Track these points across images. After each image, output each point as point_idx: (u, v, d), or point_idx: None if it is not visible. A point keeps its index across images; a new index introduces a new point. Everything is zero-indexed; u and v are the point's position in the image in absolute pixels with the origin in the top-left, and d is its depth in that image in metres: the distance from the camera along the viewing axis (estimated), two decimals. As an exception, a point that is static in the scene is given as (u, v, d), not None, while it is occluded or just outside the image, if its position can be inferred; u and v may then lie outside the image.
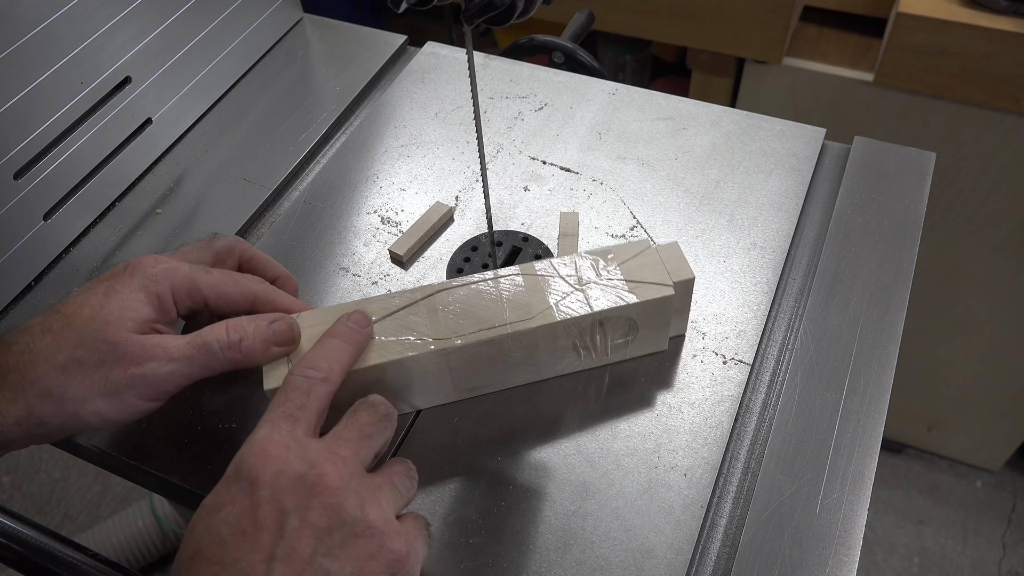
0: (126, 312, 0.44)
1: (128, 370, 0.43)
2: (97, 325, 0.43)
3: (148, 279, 0.46)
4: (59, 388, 0.42)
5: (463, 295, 0.51)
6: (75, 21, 0.61)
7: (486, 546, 0.47)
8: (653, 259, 0.52)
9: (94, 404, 0.43)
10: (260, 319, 0.47)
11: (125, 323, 0.44)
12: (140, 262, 0.47)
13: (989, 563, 1.52)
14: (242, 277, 0.49)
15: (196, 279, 0.47)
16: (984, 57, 0.98)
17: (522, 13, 0.43)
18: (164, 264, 0.47)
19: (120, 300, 0.45)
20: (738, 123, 0.71)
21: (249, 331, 0.46)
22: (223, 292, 0.48)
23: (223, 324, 0.46)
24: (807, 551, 0.46)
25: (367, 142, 0.72)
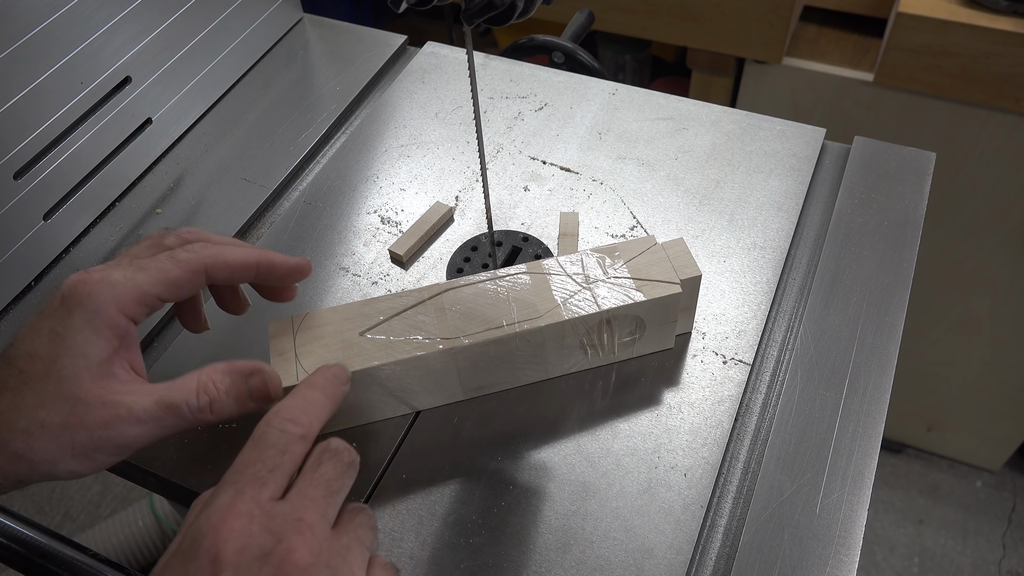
0: (77, 361, 0.41)
1: (93, 433, 0.40)
2: (53, 383, 0.40)
3: (88, 313, 0.41)
4: (28, 451, 0.40)
5: (470, 294, 0.51)
6: (75, 21, 0.61)
7: (486, 546, 0.47)
8: (659, 256, 0.52)
9: (65, 464, 0.40)
10: (237, 371, 0.44)
11: (80, 374, 0.40)
12: (74, 290, 0.42)
13: (989, 563, 1.52)
14: (182, 252, 0.44)
15: (137, 284, 0.43)
16: (984, 57, 0.98)
17: (522, 13, 0.43)
18: (98, 286, 0.42)
19: (67, 347, 0.41)
20: (738, 123, 0.71)
21: (221, 391, 0.43)
22: (169, 280, 0.43)
23: (195, 382, 0.42)
24: (807, 551, 0.46)
25: (367, 142, 0.72)
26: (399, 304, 0.51)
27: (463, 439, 0.52)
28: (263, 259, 0.47)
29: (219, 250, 0.46)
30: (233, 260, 0.46)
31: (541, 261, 0.53)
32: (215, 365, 0.44)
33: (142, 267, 0.43)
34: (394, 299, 0.51)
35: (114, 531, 1.46)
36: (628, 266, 0.52)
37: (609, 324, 0.51)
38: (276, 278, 0.49)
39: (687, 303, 0.54)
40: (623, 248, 0.53)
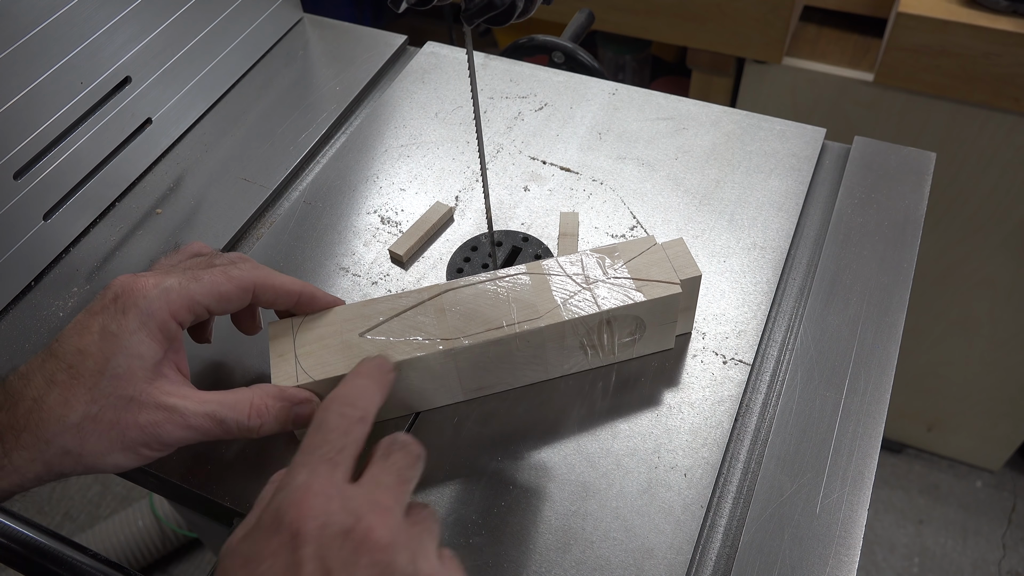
0: (132, 361, 0.42)
1: (145, 430, 0.42)
2: (107, 380, 0.42)
3: (144, 315, 0.43)
4: (76, 447, 0.41)
5: (470, 295, 0.51)
6: (75, 21, 0.61)
7: (486, 546, 0.47)
8: (659, 256, 0.52)
9: (112, 458, 0.42)
10: (286, 399, 0.46)
11: (134, 373, 0.42)
12: (130, 292, 0.44)
13: (989, 563, 1.51)
14: (234, 269, 0.47)
15: (190, 293, 0.45)
16: (984, 57, 0.98)
17: (522, 13, 0.43)
18: (153, 290, 0.44)
19: (122, 347, 0.42)
20: (738, 123, 0.71)
21: (271, 416, 0.45)
22: (220, 294, 0.46)
23: (247, 403, 0.45)
24: (807, 551, 0.46)
25: (367, 142, 0.72)
26: (399, 305, 0.51)
27: (463, 439, 0.52)
28: (306, 291, 0.50)
29: (268, 273, 0.48)
30: (280, 285, 0.49)
31: (541, 261, 0.53)
32: (267, 388, 0.46)
33: (196, 278, 0.45)
34: (394, 300, 0.51)
35: (114, 531, 1.46)
36: (628, 266, 0.52)
37: (609, 324, 0.51)
38: (312, 310, 0.51)
39: (687, 303, 0.53)
40: (623, 248, 0.53)
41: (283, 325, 0.50)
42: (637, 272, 0.51)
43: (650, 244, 0.53)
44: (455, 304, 0.50)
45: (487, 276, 0.52)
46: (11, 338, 0.60)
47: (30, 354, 0.58)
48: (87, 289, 0.63)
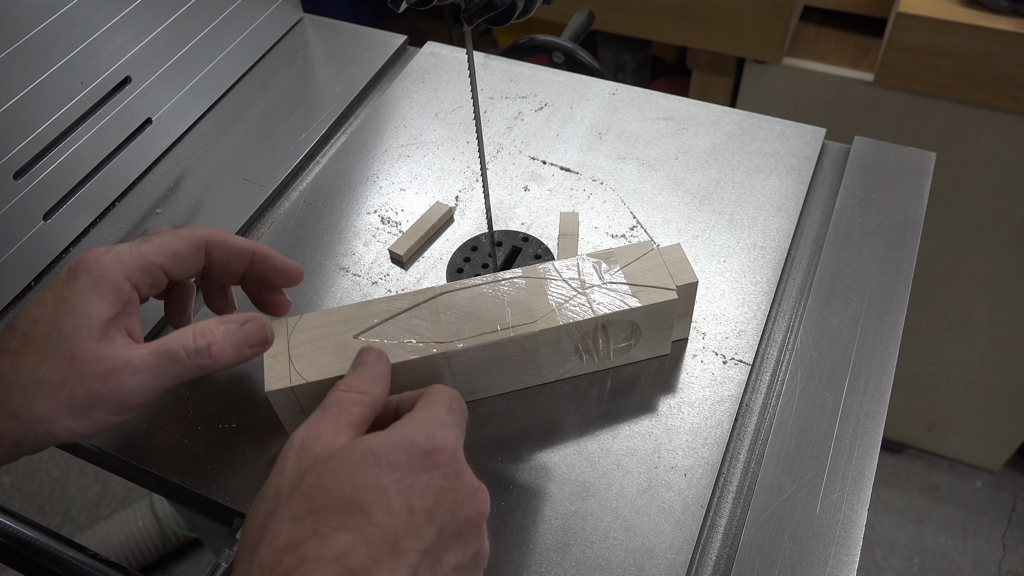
0: (79, 320, 0.42)
1: (91, 387, 0.41)
2: (54, 342, 0.42)
3: (94, 277, 0.43)
4: (25, 409, 0.41)
5: (466, 297, 0.51)
6: (75, 21, 0.61)
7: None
8: (656, 262, 0.52)
9: (63, 423, 0.42)
10: (231, 320, 0.45)
11: (80, 332, 0.42)
12: (83, 260, 0.44)
13: (989, 563, 1.52)
14: (186, 229, 0.47)
15: (142, 253, 0.45)
16: (984, 57, 0.98)
17: (522, 13, 0.43)
18: (105, 255, 0.44)
19: (70, 308, 0.42)
20: (738, 123, 0.71)
21: (218, 335, 0.44)
22: (172, 251, 0.46)
23: (189, 329, 0.44)
24: (807, 551, 0.46)
25: (367, 142, 0.72)
26: (394, 307, 0.50)
27: (463, 439, 0.52)
28: (260, 249, 0.50)
29: (221, 232, 0.49)
30: (232, 243, 0.48)
31: (537, 265, 0.52)
32: (210, 319, 0.46)
33: (146, 240, 0.46)
34: (389, 302, 0.51)
35: (114, 531, 1.46)
36: (624, 271, 0.52)
37: (604, 330, 0.51)
38: (268, 272, 0.51)
39: (683, 309, 0.53)
40: (620, 253, 0.53)
41: (277, 325, 0.50)
42: (633, 277, 0.51)
43: (647, 249, 0.53)
44: (450, 307, 0.50)
45: (483, 279, 0.52)
46: (11, 338, 0.60)
47: (30, 354, 0.58)
48: (87, 289, 0.63)
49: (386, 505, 0.36)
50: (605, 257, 0.52)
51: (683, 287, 0.51)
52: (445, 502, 0.37)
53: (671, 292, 0.51)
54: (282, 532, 0.35)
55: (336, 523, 0.35)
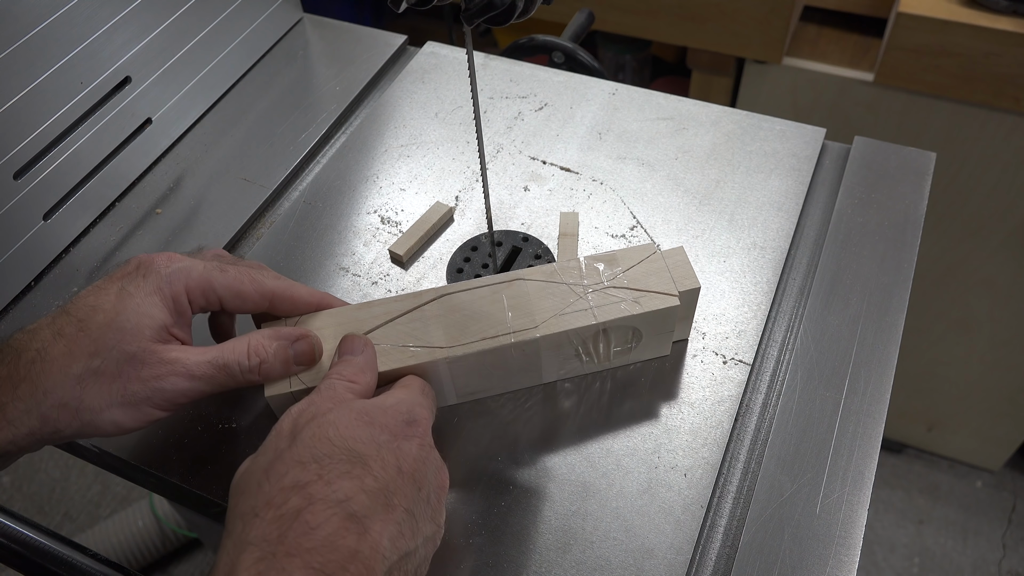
0: (142, 319, 0.43)
1: (147, 383, 0.42)
2: (113, 333, 0.42)
3: (162, 280, 0.44)
4: (75, 399, 0.41)
5: (466, 300, 0.50)
6: (75, 21, 0.61)
7: (486, 546, 0.47)
8: (659, 266, 0.52)
9: (111, 414, 0.42)
10: (283, 337, 0.46)
11: (142, 331, 0.43)
12: (153, 261, 0.45)
13: (989, 563, 1.52)
14: (258, 274, 0.48)
15: (211, 279, 0.46)
16: (984, 57, 0.98)
17: (522, 13, 0.43)
18: (178, 264, 0.46)
19: (135, 305, 0.43)
20: (738, 123, 0.71)
21: (270, 353, 0.45)
22: (239, 291, 0.47)
23: (245, 344, 0.45)
24: (807, 551, 0.46)
25: (367, 142, 0.72)
26: (393, 309, 0.50)
27: (463, 439, 0.52)
28: (324, 302, 0.51)
29: (289, 284, 0.49)
30: (299, 298, 0.50)
31: (538, 267, 0.52)
32: (263, 331, 0.47)
33: (223, 269, 0.47)
34: (388, 304, 0.51)
35: (114, 531, 1.46)
36: (627, 275, 0.51)
37: (605, 334, 0.51)
38: None
39: (685, 313, 0.53)
40: (622, 256, 0.52)
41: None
42: (635, 282, 0.51)
43: (650, 252, 0.53)
44: (451, 309, 0.50)
45: (484, 281, 0.51)
46: (11, 338, 0.60)
47: (30, 354, 0.58)
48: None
49: (381, 461, 0.38)
50: (607, 260, 0.52)
51: (685, 293, 0.51)
52: (423, 469, 0.40)
53: (673, 298, 0.50)
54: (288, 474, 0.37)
55: (340, 470, 0.37)
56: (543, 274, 0.52)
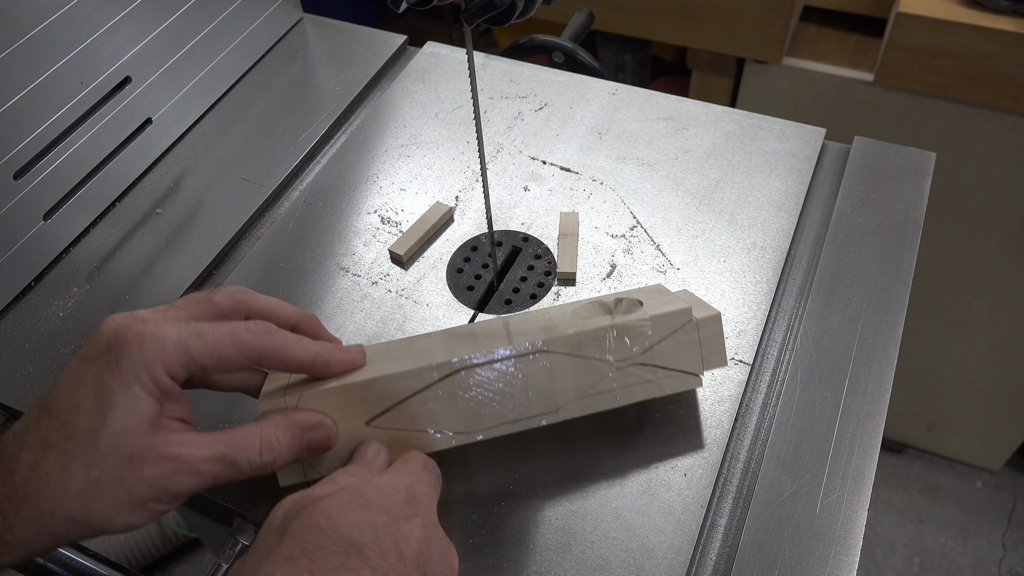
0: (130, 417, 0.39)
1: (152, 484, 0.40)
2: (104, 440, 0.39)
3: (138, 367, 0.40)
4: (82, 514, 0.39)
5: (485, 379, 0.46)
6: (75, 21, 0.61)
7: (486, 546, 0.47)
8: (691, 338, 0.48)
9: (120, 519, 0.40)
10: (297, 425, 0.43)
11: (133, 430, 0.39)
12: (123, 341, 0.40)
13: (989, 563, 1.51)
14: (243, 332, 0.43)
15: (188, 349, 0.41)
16: (984, 57, 0.98)
17: (522, 13, 0.43)
18: (150, 339, 0.40)
19: (118, 402, 0.39)
20: (738, 123, 0.71)
21: (283, 448, 0.43)
22: (220, 357, 0.42)
23: (257, 439, 0.42)
24: (807, 551, 0.46)
25: (367, 142, 0.72)
26: (407, 386, 0.45)
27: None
28: (319, 360, 0.45)
29: (280, 342, 0.44)
30: (290, 357, 0.44)
31: (562, 331, 0.47)
32: (275, 418, 0.43)
33: (200, 333, 0.41)
34: (401, 380, 0.45)
35: (114, 531, 1.46)
36: (657, 350, 0.47)
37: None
38: (327, 375, 0.47)
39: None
40: (656, 323, 0.48)
41: (276, 400, 0.45)
42: (665, 359, 0.48)
43: (685, 320, 0.48)
44: (469, 387, 0.46)
45: (503, 354, 0.46)
46: (11, 338, 0.60)
47: (30, 354, 0.58)
48: (87, 289, 0.63)
49: (379, 547, 0.36)
50: (639, 330, 0.47)
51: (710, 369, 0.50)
52: (427, 551, 0.38)
53: (697, 379, 0.49)
54: (275, 574, 0.34)
55: (333, 563, 0.34)
56: (568, 346, 0.47)
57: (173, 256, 0.64)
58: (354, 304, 0.60)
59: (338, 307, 0.60)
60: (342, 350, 0.46)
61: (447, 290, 0.61)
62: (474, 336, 0.48)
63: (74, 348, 0.58)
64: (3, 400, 0.56)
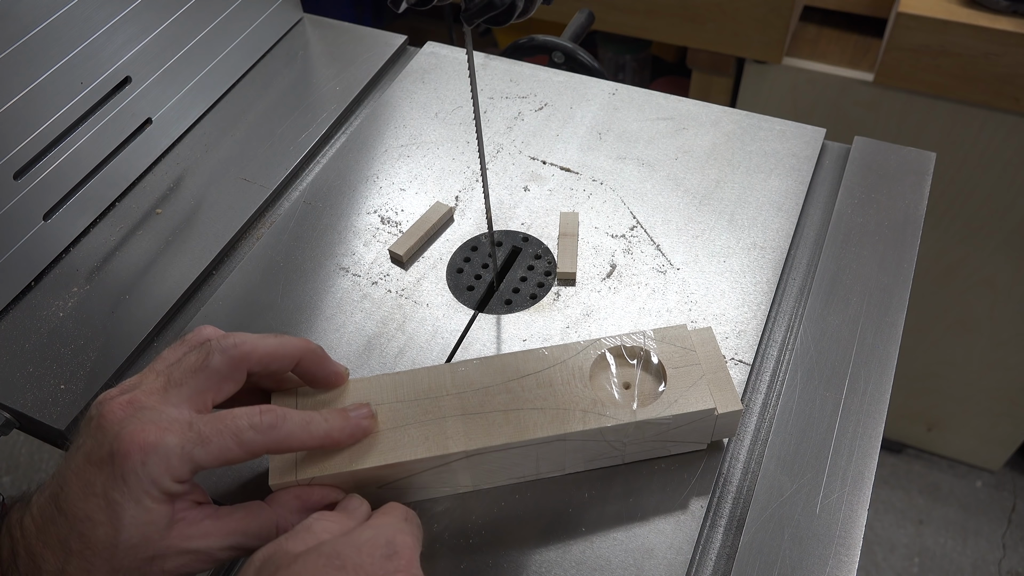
0: (146, 529, 0.40)
1: (173, 574, 0.41)
2: (123, 552, 0.39)
3: (146, 484, 0.40)
4: None
5: (499, 457, 0.47)
6: (75, 21, 0.61)
7: (486, 546, 0.47)
8: (708, 425, 0.48)
9: None
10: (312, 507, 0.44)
11: (150, 538, 0.40)
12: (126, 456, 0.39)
13: (989, 563, 1.51)
14: (248, 432, 0.42)
15: (193, 458, 0.40)
16: (984, 57, 0.98)
17: (522, 13, 0.43)
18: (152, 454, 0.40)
19: (131, 518, 0.40)
20: (738, 123, 0.71)
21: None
22: (227, 460, 0.41)
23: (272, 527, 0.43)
24: (807, 551, 0.46)
25: (367, 142, 0.72)
26: (420, 467, 0.46)
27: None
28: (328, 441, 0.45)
29: (286, 435, 0.43)
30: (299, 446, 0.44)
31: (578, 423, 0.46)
32: (288, 501, 0.44)
33: (203, 440, 0.41)
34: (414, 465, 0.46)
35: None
36: (673, 433, 0.48)
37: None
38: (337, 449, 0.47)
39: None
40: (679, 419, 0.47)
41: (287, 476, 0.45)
42: (678, 436, 0.48)
43: (708, 416, 0.47)
44: (482, 463, 0.47)
45: (520, 442, 0.46)
46: (11, 338, 0.60)
47: (30, 354, 0.58)
48: (87, 289, 0.63)
49: None
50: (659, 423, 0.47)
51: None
52: None
53: (702, 445, 0.50)
54: None
55: None
56: (586, 434, 0.46)
57: (173, 256, 0.64)
58: (354, 304, 0.60)
59: (338, 307, 0.60)
60: (351, 425, 0.45)
61: (447, 290, 0.61)
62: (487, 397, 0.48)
63: (74, 348, 0.58)
64: (3, 400, 0.56)
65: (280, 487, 0.45)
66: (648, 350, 0.49)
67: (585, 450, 0.48)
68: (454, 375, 0.49)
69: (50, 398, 0.56)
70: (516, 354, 0.50)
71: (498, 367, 0.49)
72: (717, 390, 0.48)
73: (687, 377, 0.48)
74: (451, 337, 0.58)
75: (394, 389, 0.48)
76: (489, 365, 0.49)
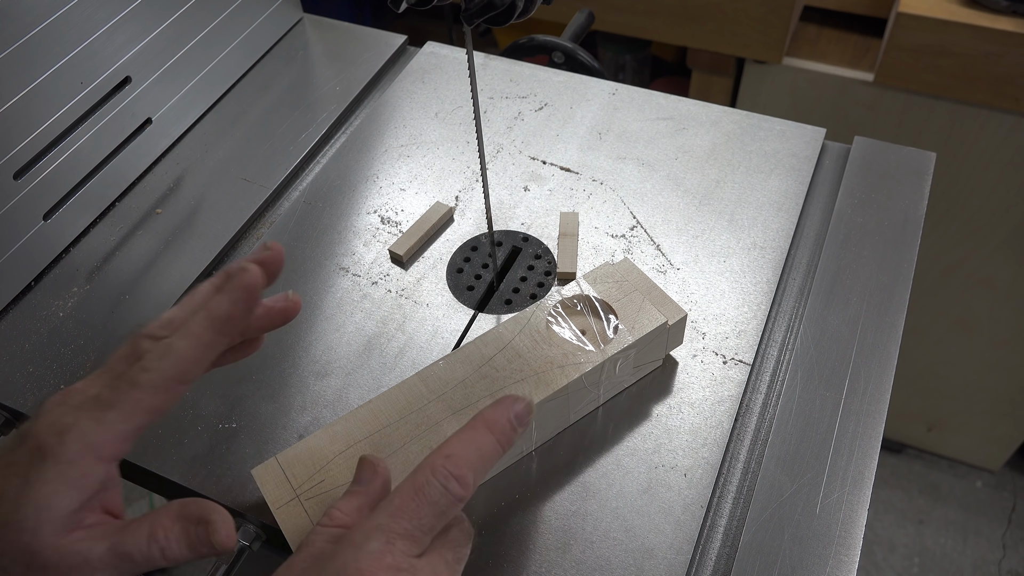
0: (42, 514, 0.39)
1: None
2: (14, 532, 0.39)
3: (61, 464, 0.39)
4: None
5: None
6: (75, 21, 0.61)
7: (486, 546, 0.47)
8: (661, 340, 0.52)
9: None
10: (186, 520, 0.41)
11: (42, 527, 0.39)
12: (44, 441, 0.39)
13: (989, 563, 1.51)
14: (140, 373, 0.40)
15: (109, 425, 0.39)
16: (984, 57, 0.98)
17: (522, 13, 0.43)
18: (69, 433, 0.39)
19: (33, 498, 0.39)
20: (738, 123, 0.71)
21: (172, 541, 0.40)
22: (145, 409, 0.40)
23: (146, 531, 0.40)
24: (807, 551, 0.46)
25: (367, 142, 0.72)
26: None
27: (463, 439, 0.52)
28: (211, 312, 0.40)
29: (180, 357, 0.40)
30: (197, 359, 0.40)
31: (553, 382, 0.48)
32: (170, 507, 0.42)
33: (109, 404, 0.39)
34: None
35: (114, 531, 1.46)
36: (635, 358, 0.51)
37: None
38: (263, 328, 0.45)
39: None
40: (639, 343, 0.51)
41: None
42: (639, 360, 0.52)
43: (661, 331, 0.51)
44: None
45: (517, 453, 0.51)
46: (11, 338, 0.60)
47: (30, 354, 0.58)
48: (87, 289, 0.63)
49: None
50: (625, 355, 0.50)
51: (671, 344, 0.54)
52: None
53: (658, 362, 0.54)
54: None
55: None
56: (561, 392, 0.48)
57: (173, 256, 0.64)
58: (354, 304, 0.60)
59: (338, 307, 0.60)
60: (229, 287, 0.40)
61: (447, 290, 0.61)
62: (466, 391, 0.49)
63: (74, 348, 0.58)
64: (3, 400, 0.56)
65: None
66: (587, 295, 0.52)
67: (569, 403, 0.50)
68: (426, 382, 0.49)
69: (50, 398, 0.56)
70: (474, 342, 0.51)
71: (463, 359, 0.50)
72: (660, 306, 0.52)
73: (631, 304, 0.52)
74: (451, 337, 0.58)
75: (374, 417, 0.48)
76: (455, 361, 0.50)
